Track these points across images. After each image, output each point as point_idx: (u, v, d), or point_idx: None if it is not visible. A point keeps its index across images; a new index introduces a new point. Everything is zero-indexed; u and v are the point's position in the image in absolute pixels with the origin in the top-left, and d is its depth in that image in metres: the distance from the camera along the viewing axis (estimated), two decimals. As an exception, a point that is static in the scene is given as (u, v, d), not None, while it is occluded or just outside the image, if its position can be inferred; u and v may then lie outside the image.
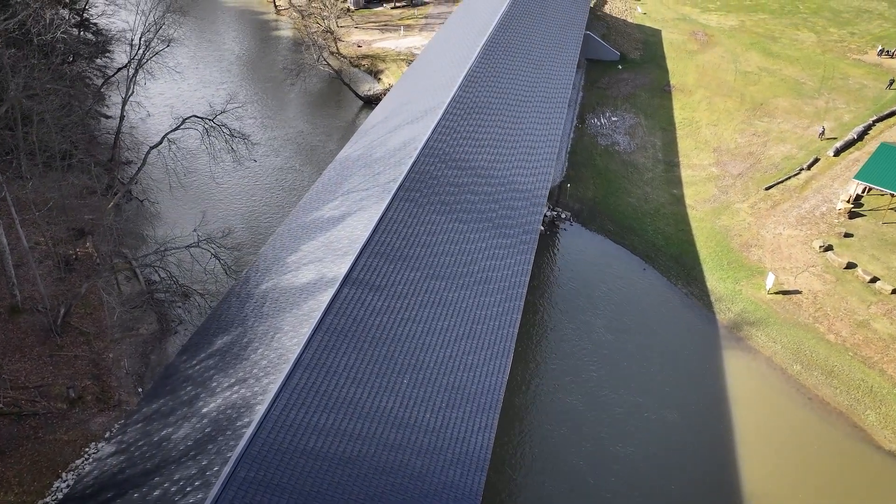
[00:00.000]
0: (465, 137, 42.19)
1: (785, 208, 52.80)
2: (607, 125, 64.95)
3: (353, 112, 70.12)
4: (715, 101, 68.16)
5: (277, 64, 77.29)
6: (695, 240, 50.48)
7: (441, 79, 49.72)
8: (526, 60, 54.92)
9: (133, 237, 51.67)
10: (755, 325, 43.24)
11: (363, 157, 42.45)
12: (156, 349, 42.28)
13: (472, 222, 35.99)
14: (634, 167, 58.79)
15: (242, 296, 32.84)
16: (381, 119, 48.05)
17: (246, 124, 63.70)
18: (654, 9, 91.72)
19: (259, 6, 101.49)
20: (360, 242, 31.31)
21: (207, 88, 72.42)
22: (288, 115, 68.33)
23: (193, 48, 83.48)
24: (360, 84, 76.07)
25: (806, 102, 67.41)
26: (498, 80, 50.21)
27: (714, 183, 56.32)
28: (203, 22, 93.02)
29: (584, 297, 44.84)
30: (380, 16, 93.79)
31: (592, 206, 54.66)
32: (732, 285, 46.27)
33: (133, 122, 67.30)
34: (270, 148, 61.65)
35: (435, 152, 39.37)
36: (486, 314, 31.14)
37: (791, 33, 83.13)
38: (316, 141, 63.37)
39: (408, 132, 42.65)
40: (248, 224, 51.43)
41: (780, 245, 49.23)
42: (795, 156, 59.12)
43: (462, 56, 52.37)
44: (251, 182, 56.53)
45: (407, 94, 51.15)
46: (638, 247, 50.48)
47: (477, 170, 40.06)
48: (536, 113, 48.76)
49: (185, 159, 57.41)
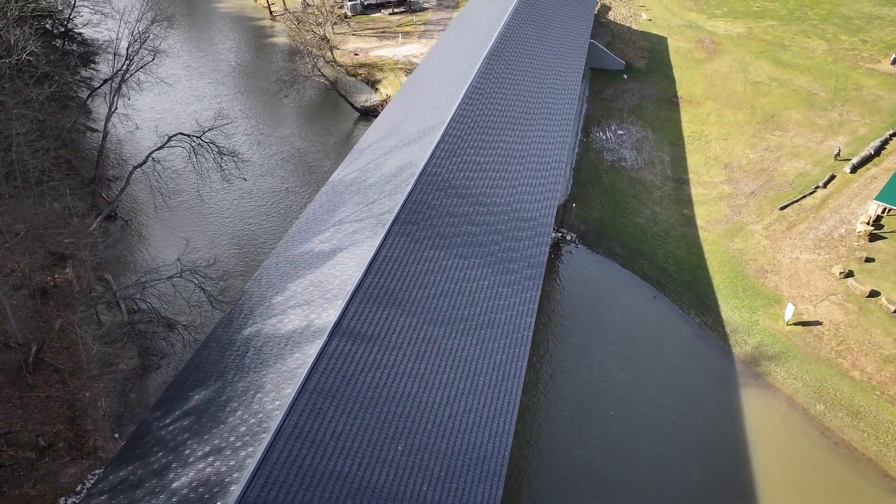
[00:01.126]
0: (465, 161, 39.36)
1: (801, 230, 49.98)
2: (613, 139, 62.10)
3: (349, 125, 67.24)
4: (724, 114, 65.32)
5: (272, 74, 74.32)
6: (707, 264, 47.67)
7: (440, 95, 46.87)
8: (529, 74, 52.07)
9: (117, 261, 48.85)
10: (774, 360, 40.43)
11: (357, 182, 39.61)
12: (136, 387, 39.45)
13: (473, 257, 33.17)
14: (642, 185, 55.94)
15: (224, 341, 30.02)
16: (377, 138, 45.22)
17: (237, 141, 60.79)
18: (660, 15, 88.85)
19: (254, 12, 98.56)
20: (351, 284, 28.50)
21: (201, 102, 69.36)
22: (282, 130, 65.20)
23: (187, 57, 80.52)
24: (357, 94, 73.19)
25: (819, 115, 64.57)
26: (500, 95, 47.37)
27: (726, 202, 53.49)
28: (197, 30, 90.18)
29: (594, 330, 42.02)
30: (377, 22, 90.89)
31: (599, 227, 51.83)
32: (748, 315, 43.45)
33: (121, 136, 64.48)
34: (263, 166, 58.63)
35: (433, 179, 36.55)
36: (490, 364, 28.32)
37: (801, 41, 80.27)
38: (310, 158, 60.34)
39: (404, 155, 39.82)
40: (237, 248, 48.56)
41: (798, 271, 46.41)
42: (810, 172, 56.29)
43: (462, 70, 49.52)
44: (241, 203, 53.61)
45: (404, 110, 48.30)
46: (648, 272, 47.65)
47: (478, 197, 37.23)
48: (541, 131, 45.93)
49: (172, 178, 54.57)
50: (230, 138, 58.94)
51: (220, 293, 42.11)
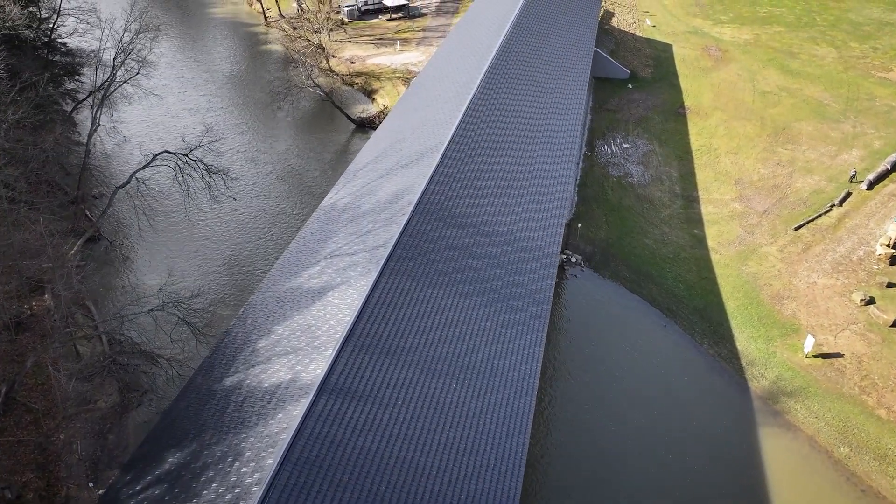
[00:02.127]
0: (465, 186, 36.71)
1: (818, 252, 47.36)
2: (619, 153, 59.45)
3: (345, 137, 64.53)
4: (733, 126, 62.67)
5: (266, 84, 71.39)
6: (720, 290, 45.04)
7: (439, 113, 44.21)
8: (531, 89, 49.41)
9: (100, 285, 46.18)
10: (794, 396, 37.83)
11: (350, 208, 36.96)
12: (115, 427, 36.78)
13: (474, 295, 30.53)
14: (650, 203, 53.30)
15: (203, 392, 27.38)
16: (372, 158, 42.56)
17: (230, 158, 57.80)
18: (664, 21, 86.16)
19: (248, 17, 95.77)
20: (342, 331, 25.86)
21: (193, 115, 66.05)
22: (276, 144, 61.72)
23: (180, 67, 77.38)
24: (354, 105, 70.52)
25: (831, 127, 61.92)
26: (501, 113, 44.72)
27: (738, 221, 50.86)
28: (191, 38, 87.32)
29: (603, 364, 39.39)
30: (375, 28, 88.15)
31: (605, 248, 49.18)
32: (765, 346, 40.85)
33: (107, 150, 61.83)
34: (255, 185, 55.47)
35: (431, 207, 33.90)
36: (493, 420, 25.70)
37: (810, 48, 77.60)
38: (305, 175, 57.01)
39: (401, 179, 37.18)
40: (226, 274, 45.76)
41: (816, 297, 43.81)
42: (825, 189, 53.66)
43: (462, 85, 46.87)
44: (232, 224, 50.69)
45: (401, 128, 45.64)
46: (657, 297, 45.02)
47: (479, 226, 34.59)
48: (545, 151, 43.30)
49: (159, 198, 51.90)
50: (221, 156, 56.18)
51: (205, 325, 39.60)
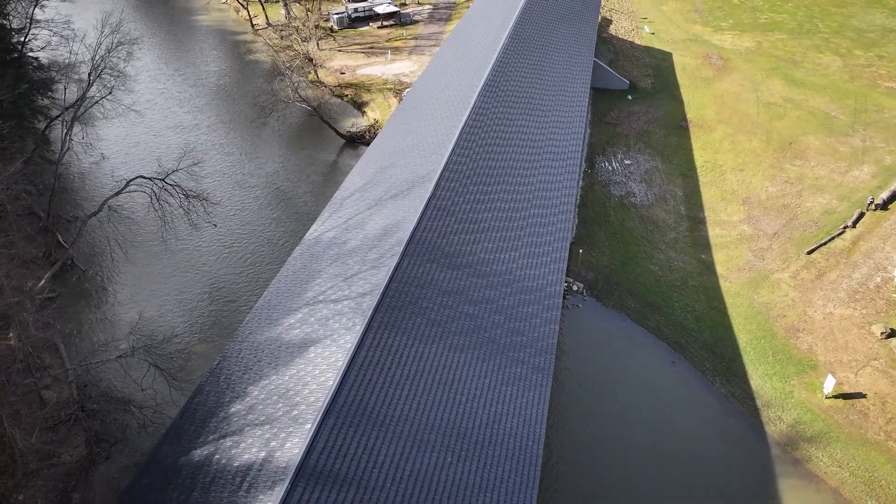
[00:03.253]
0: (460, 220, 33.68)
1: (833, 279, 44.55)
2: (620, 170, 56.52)
3: (334, 153, 61.26)
4: (738, 140, 59.83)
5: (252, 97, 68.13)
6: (731, 322, 42.17)
7: (432, 135, 41.17)
8: (529, 107, 46.41)
9: (72, 318, 42.96)
10: (814, 442, 34.97)
11: (335, 244, 33.87)
12: (80, 483, 33.54)
13: (471, 349, 27.52)
14: (655, 225, 50.38)
15: (168, 465, 24.26)
16: (360, 186, 39.46)
17: (213, 181, 54.19)
18: (663, 28, 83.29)
19: (235, 25, 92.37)
20: (323, 399, 22.83)
21: (178, 133, 62.05)
22: (262, 165, 57.38)
23: (165, 81, 73.34)
24: (343, 118, 67.36)
25: (840, 141, 59.18)
26: (498, 134, 41.72)
27: (747, 245, 48.00)
28: (175, 49, 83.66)
29: (610, 407, 36.43)
30: (365, 37, 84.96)
31: (608, 275, 46.25)
32: (781, 385, 37.99)
33: (84, 169, 58.53)
34: (240, 210, 51.64)
35: (423, 246, 30.85)
36: (493, 500, 22.68)
37: (813, 56, 74.88)
38: (291, 196, 53.11)
39: (391, 213, 34.13)
40: (205, 308, 42.51)
41: (833, 329, 40.98)
42: (836, 209, 50.88)
43: (457, 104, 43.83)
44: (213, 253, 47.25)
45: (391, 151, 42.56)
46: (664, 330, 42.10)
47: (475, 266, 31.56)
48: (544, 176, 40.32)
49: (135, 226, 48.82)
50: (204, 179, 52.94)
51: (180, 369, 36.50)
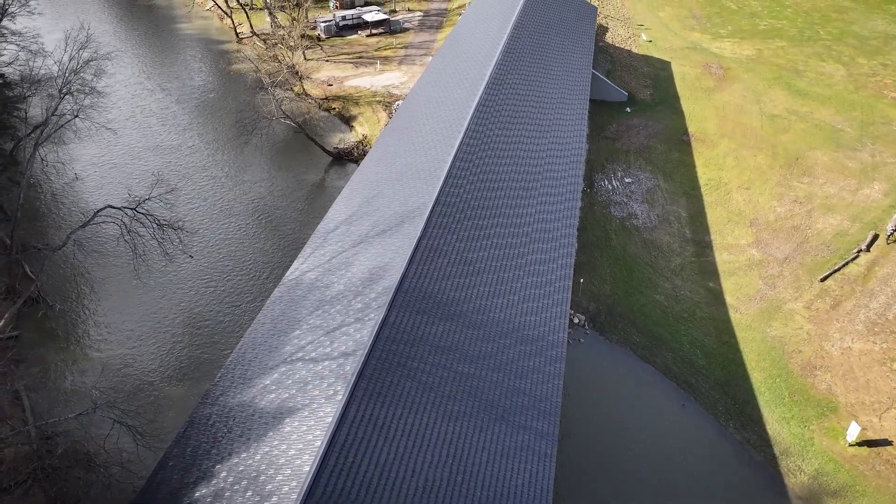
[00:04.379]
0: (454, 261, 30.59)
1: (849, 309, 41.74)
2: (620, 189, 53.56)
3: (321, 173, 57.95)
4: (743, 156, 56.98)
5: (236, 113, 64.70)
6: (743, 358, 39.28)
7: (423, 161, 38.06)
8: (526, 128, 43.37)
9: (35, 364, 39.60)
10: (839, 497, 32.09)
11: (317, 288, 30.72)
12: (38, 557, 30.47)
13: (467, 416, 24.42)
14: (659, 249, 47.44)
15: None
16: (345, 218, 36.29)
17: (190, 207, 50.53)
18: (661, 36, 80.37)
19: (219, 34, 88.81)
20: (299, 493, 19.71)
21: (158, 155, 57.95)
22: (247, 189, 53.61)
23: (146, 98, 68.80)
24: (330, 133, 64.10)
25: (848, 156, 56.41)
26: (493, 160, 38.65)
27: (757, 272, 45.13)
28: (157, 62, 79.76)
29: (617, 458, 33.46)
30: (354, 45, 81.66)
31: (611, 305, 43.28)
32: (800, 430, 35.12)
33: (56, 190, 55.06)
34: (222, 239, 47.93)
35: (412, 296, 27.75)
36: None
37: (816, 65, 72.14)
38: (278, 226, 49.27)
39: (377, 252, 31.01)
40: (182, 349, 39.19)
41: (853, 366, 38.16)
42: (848, 231, 48.09)
43: (449, 125, 40.74)
44: (191, 286, 43.75)
45: (379, 178, 39.38)
46: (672, 367, 39.19)
47: (470, 315, 28.47)
48: (543, 205, 37.29)
49: (104, 258, 45.48)
50: (181, 207, 49.50)
51: (149, 422, 33.31)
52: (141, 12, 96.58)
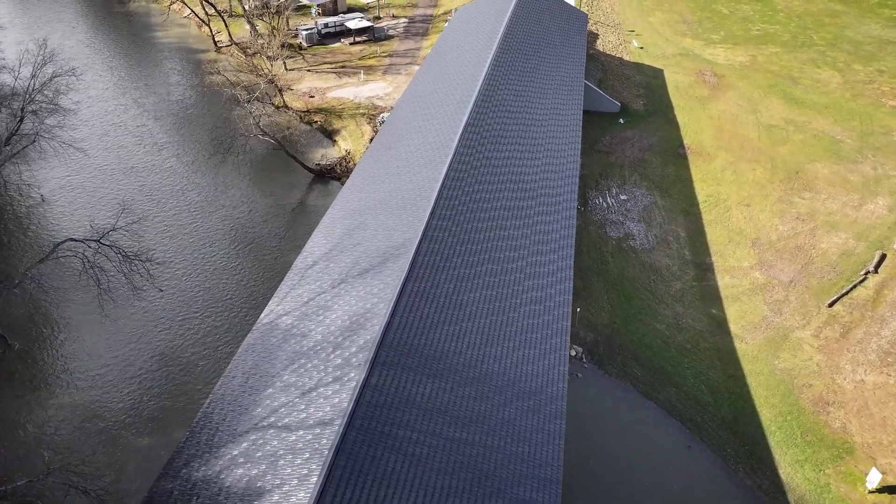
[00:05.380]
0: (443, 306, 27.79)
1: (859, 337, 39.36)
2: (615, 207, 50.97)
3: (302, 191, 54.95)
4: (741, 169, 54.56)
5: (212, 129, 61.49)
6: (751, 393, 36.78)
7: (409, 187, 35.23)
8: (517, 148, 40.65)
9: None
10: (860, 551, 29.73)
11: (293, 336, 27.82)
12: None
13: (461, 493, 21.63)
14: (658, 273, 44.89)
15: None
16: (325, 252, 33.37)
17: (164, 235, 47.23)
18: (652, 42, 77.87)
19: (197, 42, 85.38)
20: None
21: (131, 176, 54.52)
22: (224, 215, 50.18)
23: (121, 115, 64.85)
24: (312, 148, 61.07)
25: (849, 168, 54.13)
26: (484, 188, 35.87)
27: (761, 296, 42.67)
28: (133, 75, 76.13)
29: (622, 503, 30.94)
30: (336, 54, 78.55)
31: (610, 335, 40.67)
32: (815, 475, 32.65)
33: (20, 213, 51.67)
34: (196, 271, 44.68)
35: (397, 350, 24.92)
36: None
37: (811, 72, 69.90)
38: (257, 254, 46.29)
39: (359, 295, 28.15)
40: (146, 403, 35.89)
41: (867, 401, 35.76)
42: (854, 250, 45.75)
43: (436, 148, 37.93)
44: (160, 327, 40.37)
45: (362, 207, 36.48)
46: (676, 404, 36.63)
47: (461, 370, 25.68)
48: (537, 240, 34.55)
49: (69, 293, 42.25)
50: (154, 235, 46.37)
51: (112, 482, 30.33)
52: (116, 20, 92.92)
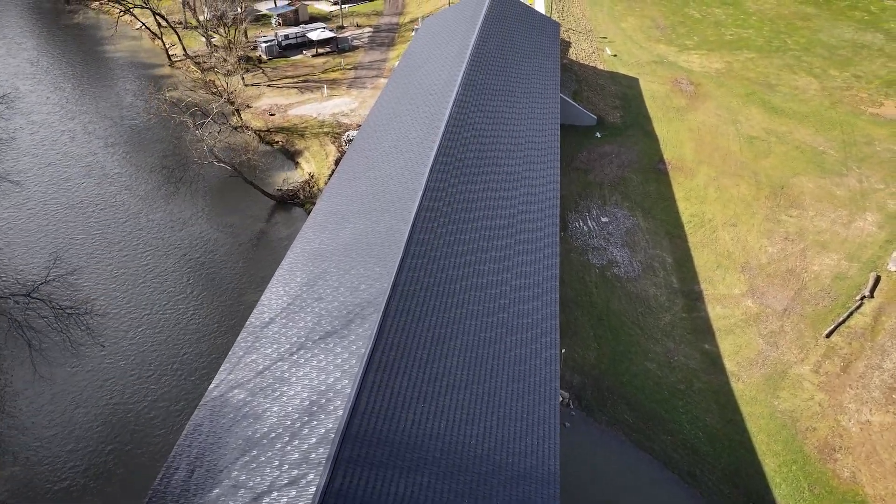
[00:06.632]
0: (416, 381, 24.15)
1: (861, 371, 36.75)
2: (597, 230, 47.86)
3: (263, 223, 50.78)
4: (724, 185, 51.87)
5: (166, 154, 56.87)
6: (752, 440, 33.87)
7: (377, 230, 31.52)
8: (493, 177, 37.18)
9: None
10: None
11: (244, 419, 23.95)
12: None
13: None
14: (645, 305, 41.83)
15: None
16: (282, 307, 29.49)
17: (112, 283, 42.58)
18: (625, 49, 75.04)
19: (149, 56, 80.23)
20: None
21: (77, 212, 49.23)
22: (179, 255, 45.76)
23: (67, 143, 59.12)
24: (273, 172, 56.88)
25: (834, 182, 51.77)
26: (459, 227, 32.32)
27: (755, 328, 39.87)
28: (81, 94, 70.81)
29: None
30: (298, 67, 74.26)
31: (598, 377, 37.47)
32: (827, 534, 29.88)
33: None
34: (143, 323, 40.51)
35: (365, 439, 21.24)
36: None
37: (788, 78, 67.72)
38: (215, 298, 42.06)
39: (320, 368, 24.39)
40: (98, 471, 31.80)
41: (875, 446, 33.08)
42: (847, 272, 43.26)
43: (405, 184, 34.29)
44: (105, 390, 35.96)
45: (325, 250, 32.66)
46: (673, 455, 33.54)
47: (439, 461, 22.02)
48: (519, 283, 31.12)
49: None
50: (104, 280, 41.77)
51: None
52: (66, 35, 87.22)
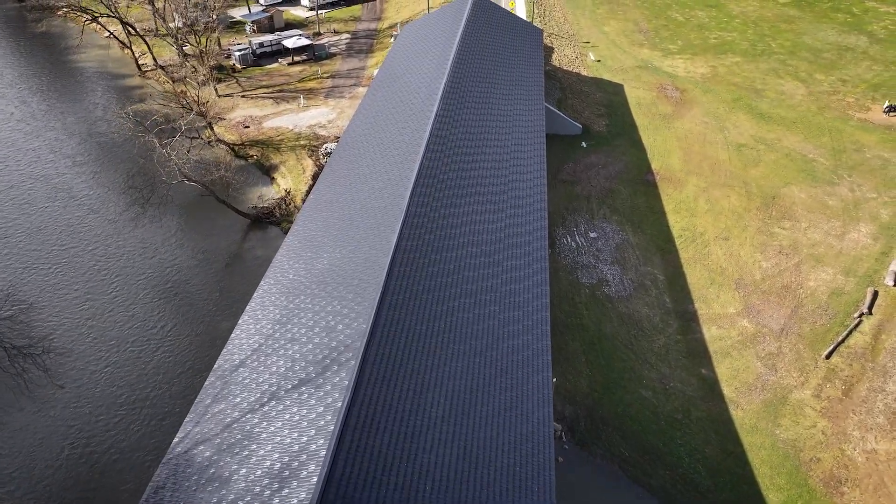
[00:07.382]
0: (397, 435, 21.93)
1: (863, 395, 35.15)
2: (586, 247, 45.92)
3: (237, 244, 48.22)
4: (715, 196, 50.21)
5: (135, 173, 53.95)
6: (754, 473, 32.09)
7: (353, 263, 29.23)
8: (478, 199, 35.04)
9: None
10: None
11: (209, 483, 21.59)
12: None
13: None
14: (638, 327, 39.93)
15: None
16: (254, 349, 27.12)
17: (76, 317, 39.79)
18: (609, 54, 73.31)
19: (118, 66, 76.98)
20: None
21: (35, 242, 46.97)
22: (148, 286, 42.93)
23: (34, 163, 55.66)
24: (248, 188, 54.27)
25: (826, 192, 50.36)
26: (442, 255, 30.13)
27: (753, 350, 38.14)
28: (47, 108, 67.32)
29: None
30: (274, 76, 71.55)
31: (591, 407, 35.48)
32: (837, 576, 28.13)
33: None
34: (109, 361, 37.74)
35: (346, 485, 19.04)
36: None
37: (774, 83, 66.40)
38: (184, 331, 39.67)
39: (292, 424, 22.09)
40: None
41: (882, 477, 31.43)
42: (844, 288, 41.74)
43: (385, 211, 32.04)
44: (67, 438, 33.62)
45: (300, 283, 30.31)
46: (672, 492, 31.65)
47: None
48: (509, 316, 29.02)
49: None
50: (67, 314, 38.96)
51: None
52: (32, 45, 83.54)
